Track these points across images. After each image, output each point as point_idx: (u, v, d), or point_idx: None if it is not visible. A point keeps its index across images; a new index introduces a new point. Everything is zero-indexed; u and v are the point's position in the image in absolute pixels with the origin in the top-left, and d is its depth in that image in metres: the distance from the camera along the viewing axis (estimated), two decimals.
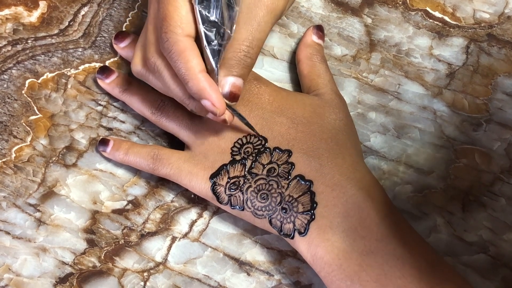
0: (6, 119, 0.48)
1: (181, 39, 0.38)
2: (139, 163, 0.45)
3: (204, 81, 0.38)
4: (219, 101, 0.38)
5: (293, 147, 0.42)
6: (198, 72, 0.38)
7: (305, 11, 0.51)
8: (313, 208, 0.40)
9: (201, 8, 0.38)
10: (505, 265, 0.44)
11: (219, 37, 0.38)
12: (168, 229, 0.46)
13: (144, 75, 0.42)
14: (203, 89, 0.38)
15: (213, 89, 0.38)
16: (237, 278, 0.45)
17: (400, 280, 0.37)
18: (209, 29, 0.38)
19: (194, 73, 0.38)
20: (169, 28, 0.38)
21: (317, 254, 0.39)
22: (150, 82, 0.43)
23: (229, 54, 0.39)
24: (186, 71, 0.38)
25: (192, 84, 0.38)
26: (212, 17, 0.38)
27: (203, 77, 0.38)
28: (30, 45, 0.50)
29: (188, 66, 0.38)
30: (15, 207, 0.46)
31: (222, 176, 0.42)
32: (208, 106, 0.39)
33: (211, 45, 0.38)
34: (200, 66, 0.38)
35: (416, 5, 0.51)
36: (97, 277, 0.45)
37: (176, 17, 0.38)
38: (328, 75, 0.47)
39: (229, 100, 0.40)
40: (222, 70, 0.40)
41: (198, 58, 0.38)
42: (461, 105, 0.48)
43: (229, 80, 0.40)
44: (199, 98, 0.39)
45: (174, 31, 0.38)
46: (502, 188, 0.46)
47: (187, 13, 0.38)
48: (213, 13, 0.38)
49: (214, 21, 0.38)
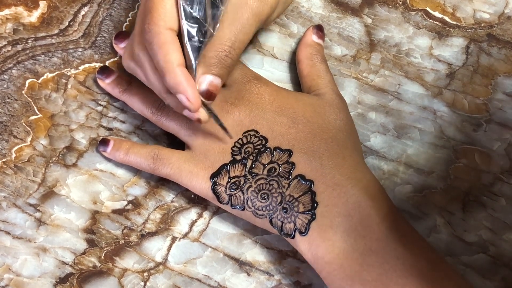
0: (6, 119, 0.48)
1: (162, 31, 0.38)
2: (139, 163, 0.45)
3: (181, 75, 0.38)
4: (194, 96, 0.38)
5: (293, 147, 0.42)
6: (176, 65, 0.38)
7: (305, 11, 0.51)
8: (314, 208, 0.40)
9: (184, 4, 0.38)
10: (505, 265, 0.44)
11: (200, 34, 0.38)
12: (168, 229, 0.46)
13: (133, 69, 0.43)
14: (179, 83, 0.38)
15: (189, 84, 0.38)
16: (237, 278, 0.45)
17: (401, 279, 0.37)
18: (191, 25, 0.38)
19: (172, 66, 0.38)
20: (152, 20, 0.38)
21: (318, 254, 0.39)
22: (138, 76, 0.43)
23: (210, 53, 0.39)
24: (164, 64, 0.38)
25: (169, 77, 0.38)
26: (195, 14, 0.38)
27: (181, 71, 0.38)
28: (30, 45, 0.50)
29: (167, 59, 0.38)
30: (15, 207, 0.46)
31: (222, 176, 0.42)
32: (183, 101, 0.39)
33: (192, 41, 0.39)
34: (178, 60, 0.38)
35: (416, 5, 0.51)
36: (97, 277, 0.45)
37: (160, 10, 0.38)
38: (329, 75, 0.47)
39: (205, 98, 0.40)
40: (202, 68, 0.40)
41: (178, 52, 0.38)
42: (461, 105, 0.48)
43: (207, 78, 0.40)
44: (175, 92, 0.39)
45: (157, 23, 0.38)
46: (502, 188, 0.46)
47: (171, 7, 0.38)
48: (196, 10, 0.38)
49: (196, 17, 0.38)
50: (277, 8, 0.43)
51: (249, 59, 0.50)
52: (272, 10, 0.42)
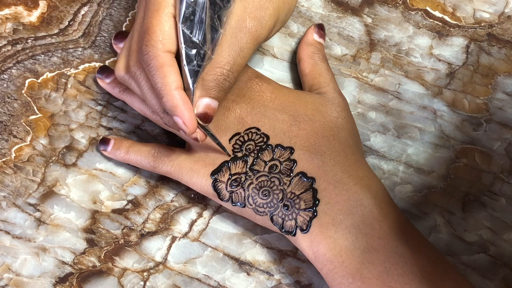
0: (6, 118, 0.48)
1: (160, 54, 0.38)
2: (140, 161, 0.45)
3: (178, 99, 0.38)
4: (190, 120, 0.38)
5: (295, 145, 0.42)
6: (173, 88, 0.38)
7: (305, 10, 0.51)
8: (315, 205, 0.40)
9: (184, 28, 0.38)
10: (505, 265, 0.44)
11: (199, 58, 0.38)
12: (168, 229, 0.46)
13: (127, 81, 0.43)
14: (176, 106, 0.38)
15: (186, 107, 0.38)
16: (237, 278, 0.45)
17: (402, 277, 0.37)
18: (190, 49, 0.38)
19: (169, 89, 0.38)
20: (150, 42, 0.38)
21: (319, 251, 0.39)
22: (132, 88, 0.43)
23: (209, 76, 0.39)
24: (162, 86, 0.38)
25: (166, 99, 0.38)
26: (194, 38, 0.38)
27: (178, 94, 0.38)
28: (30, 45, 0.50)
29: (165, 82, 0.38)
30: (15, 206, 0.46)
31: (223, 173, 0.42)
32: (179, 124, 0.39)
33: (190, 65, 0.38)
34: (176, 83, 0.38)
35: (416, 5, 0.51)
36: (97, 277, 0.45)
37: (159, 32, 0.38)
38: (330, 74, 0.47)
39: (202, 121, 0.40)
40: (199, 91, 0.39)
41: (176, 75, 0.38)
42: (461, 104, 0.48)
43: (204, 101, 0.40)
44: (171, 114, 0.39)
45: (155, 46, 0.38)
46: (502, 188, 0.46)
47: (170, 29, 0.38)
48: (196, 34, 0.38)
49: (195, 41, 0.38)
50: (274, 29, 0.43)
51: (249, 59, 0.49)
52: (269, 33, 0.42)
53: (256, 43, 0.41)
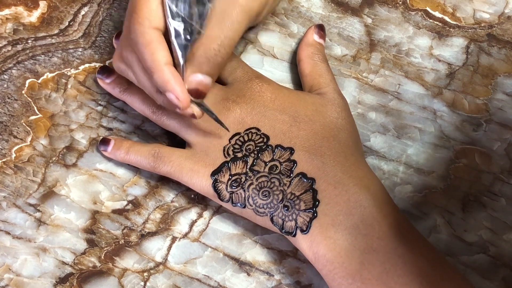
0: (6, 119, 0.48)
1: (147, 31, 0.38)
2: (140, 162, 0.45)
3: (168, 73, 0.38)
4: (183, 94, 0.38)
5: (295, 145, 0.42)
6: (163, 64, 0.38)
7: (305, 11, 0.51)
8: (315, 206, 0.40)
9: (169, 2, 0.38)
10: (505, 265, 0.44)
11: (187, 32, 0.38)
12: (168, 229, 0.46)
13: (124, 70, 0.43)
14: (167, 81, 0.38)
15: (178, 82, 0.38)
16: (237, 278, 0.45)
17: (402, 278, 0.37)
18: (177, 23, 0.38)
19: (159, 65, 0.38)
20: (137, 20, 0.38)
21: (319, 252, 0.39)
22: (129, 77, 0.43)
23: (199, 51, 0.39)
24: (151, 63, 0.38)
25: (157, 76, 0.38)
26: (181, 12, 0.38)
27: (168, 69, 0.38)
28: (30, 45, 0.50)
29: (154, 58, 0.38)
30: (15, 207, 0.46)
31: (223, 173, 0.42)
32: (172, 99, 0.39)
33: (178, 39, 0.38)
34: (166, 59, 0.38)
35: (416, 5, 0.51)
36: (97, 277, 0.45)
37: (145, 9, 0.38)
38: (330, 74, 0.47)
39: (194, 97, 0.40)
40: (191, 67, 0.40)
41: (165, 51, 0.38)
42: (461, 105, 0.48)
43: (196, 77, 0.40)
44: (163, 91, 0.39)
45: (142, 23, 0.38)
46: (502, 188, 0.46)
47: (157, 7, 0.38)
48: (181, 8, 0.38)
49: (182, 15, 0.38)
50: (267, 5, 0.43)
51: (249, 59, 0.50)
52: (262, 7, 0.42)
53: (247, 17, 0.41)
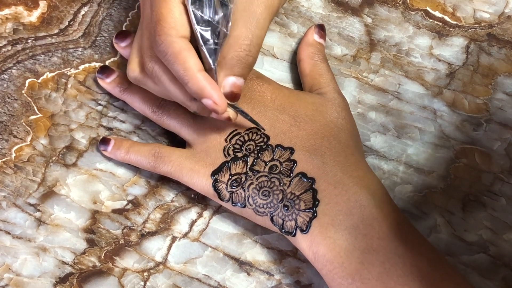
0: (6, 118, 0.48)
1: (176, 40, 0.38)
2: (140, 162, 0.45)
3: (203, 80, 0.38)
4: (220, 99, 0.38)
5: (295, 145, 0.42)
6: (196, 71, 0.38)
7: (305, 11, 0.51)
8: (315, 206, 0.40)
9: (194, 9, 0.38)
10: (505, 265, 0.44)
11: (214, 36, 0.38)
12: (168, 229, 0.46)
13: (142, 80, 0.42)
14: (203, 88, 0.38)
15: (213, 87, 0.38)
16: (237, 278, 0.45)
17: (401, 278, 0.37)
18: (204, 28, 0.38)
19: (192, 73, 0.38)
20: (163, 30, 0.38)
21: (319, 252, 0.39)
22: (149, 88, 0.42)
23: (230, 54, 0.39)
24: (184, 72, 0.38)
25: (191, 84, 0.38)
26: (206, 16, 0.38)
27: (202, 76, 0.38)
28: (30, 45, 0.50)
29: (186, 67, 0.38)
30: (15, 206, 0.46)
31: (223, 173, 0.42)
32: (209, 105, 0.38)
33: (207, 45, 0.38)
34: (198, 66, 0.38)
35: (416, 5, 0.51)
36: (97, 277, 0.45)
37: (170, 19, 0.38)
38: (330, 74, 0.47)
39: (230, 100, 0.40)
40: (223, 70, 0.39)
41: (195, 58, 0.38)
42: (461, 105, 0.48)
43: (230, 80, 0.40)
44: (200, 98, 0.39)
45: (169, 33, 0.38)
46: (502, 188, 0.46)
47: (180, 15, 0.38)
48: (207, 12, 0.38)
49: (208, 20, 0.38)
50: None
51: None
52: (281, 1, 0.42)
53: (271, 12, 0.41)
